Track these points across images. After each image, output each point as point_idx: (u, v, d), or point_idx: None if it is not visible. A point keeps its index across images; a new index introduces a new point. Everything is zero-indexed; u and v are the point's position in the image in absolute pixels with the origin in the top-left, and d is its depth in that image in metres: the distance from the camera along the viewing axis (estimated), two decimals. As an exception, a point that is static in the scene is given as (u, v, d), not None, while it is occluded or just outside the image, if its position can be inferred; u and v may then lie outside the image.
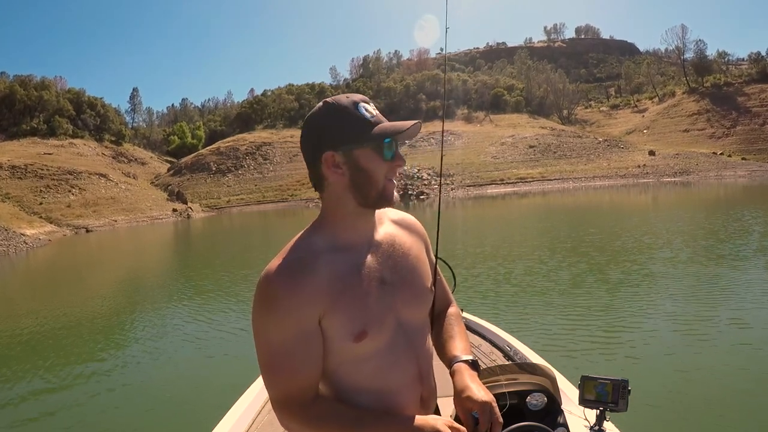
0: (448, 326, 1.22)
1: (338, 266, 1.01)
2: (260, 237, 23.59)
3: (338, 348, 1.01)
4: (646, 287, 7.87)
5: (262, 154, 65.39)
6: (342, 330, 0.99)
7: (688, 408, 3.90)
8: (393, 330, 1.05)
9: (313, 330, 0.99)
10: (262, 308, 0.98)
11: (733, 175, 42.81)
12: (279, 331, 0.97)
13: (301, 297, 0.96)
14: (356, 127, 0.99)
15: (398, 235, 1.13)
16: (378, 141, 0.99)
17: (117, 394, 5.26)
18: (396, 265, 1.08)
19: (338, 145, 1.00)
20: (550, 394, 1.68)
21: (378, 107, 1.02)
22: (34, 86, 67.97)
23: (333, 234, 1.04)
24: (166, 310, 9.47)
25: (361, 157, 1.00)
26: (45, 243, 31.32)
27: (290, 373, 0.99)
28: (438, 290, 1.21)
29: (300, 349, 0.98)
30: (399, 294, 1.06)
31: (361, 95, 1.04)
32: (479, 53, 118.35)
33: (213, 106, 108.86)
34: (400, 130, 1.00)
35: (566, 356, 5.05)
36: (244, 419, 2.47)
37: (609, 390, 1.85)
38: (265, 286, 0.98)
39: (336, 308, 0.99)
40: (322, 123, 1.01)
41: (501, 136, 62.25)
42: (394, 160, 1.03)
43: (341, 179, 1.01)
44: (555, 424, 1.66)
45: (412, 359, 1.08)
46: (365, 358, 1.03)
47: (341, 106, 1.00)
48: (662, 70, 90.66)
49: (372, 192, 1.01)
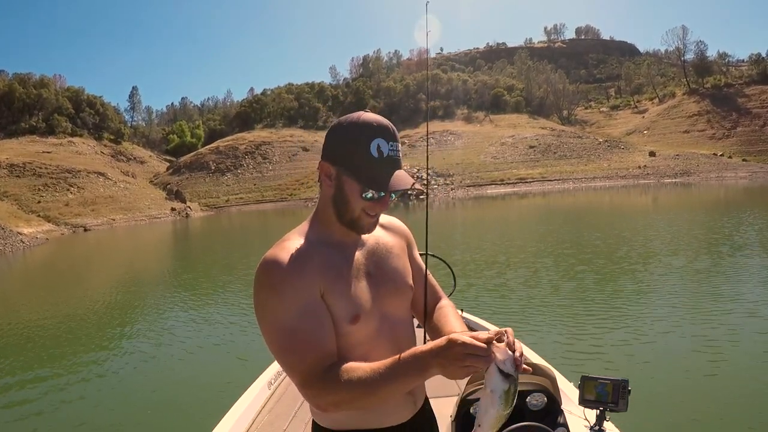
0: (441, 316, 1.24)
1: (330, 257, 1.07)
2: (259, 237, 23.57)
3: (336, 330, 1.04)
4: (646, 287, 7.87)
5: (261, 153, 65.37)
6: (339, 311, 1.04)
7: (688, 408, 3.90)
8: (378, 320, 1.11)
9: (319, 302, 1.02)
10: (268, 291, 1.00)
11: (734, 176, 42.85)
12: (288, 308, 0.99)
13: (302, 276, 1.01)
14: (356, 159, 1.02)
15: (381, 235, 1.21)
16: (364, 183, 1.03)
17: (117, 394, 5.25)
18: (379, 261, 1.16)
19: (336, 162, 1.05)
20: (550, 394, 1.67)
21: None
22: (33, 84, 67.93)
23: (324, 231, 1.11)
24: (164, 310, 9.46)
25: (346, 183, 1.04)
26: (42, 242, 31.27)
27: (308, 346, 0.99)
28: (428, 286, 1.27)
29: (312, 320, 1.00)
30: (382, 287, 1.13)
31: (388, 124, 1.05)
32: (479, 53, 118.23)
33: (212, 105, 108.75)
34: (385, 189, 1.03)
35: (566, 356, 5.04)
36: (244, 419, 2.47)
37: (609, 390, 1.85)
38: (267, 271, 1.01)
39: (333, 291, 1.04)
40: (339, 134, 1.05)
41: (501, 137, 62.28)
42: (375, 202, 1.05)
43: (328, 190, 1.08)
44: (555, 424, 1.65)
45: (394, 348, 1.11)
46: (353, 344, 1.06)
47: (360, 132, 1.03)
48: (662, 71, 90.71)
49: (346, 215, 1.07)
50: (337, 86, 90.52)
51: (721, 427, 3.64)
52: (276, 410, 2.67)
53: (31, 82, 68.60)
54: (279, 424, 2.52)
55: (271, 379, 2.92)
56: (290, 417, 2.57)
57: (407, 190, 1.07)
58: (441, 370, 0.91)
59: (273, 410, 2.67)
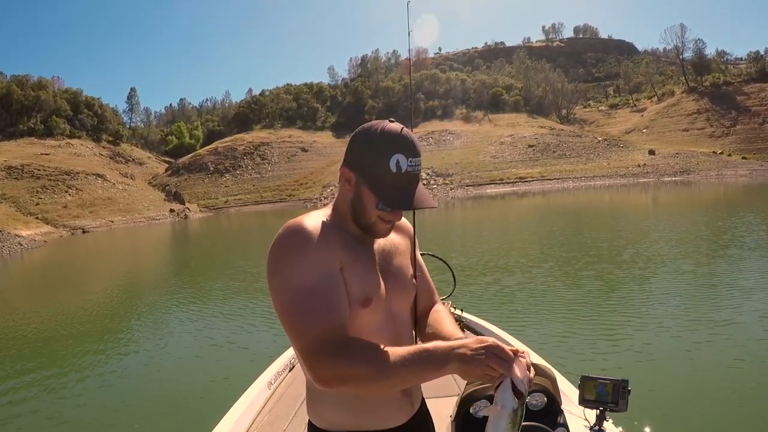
0: (436, 320, 1.24)
1: (347, 241, 1.09)
2: (259, 237, 23.56)
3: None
4: (647, 287, 7.87)
5: (260, 154, 65.35)
6: (354, 289, 1.05)
7: (688, 408, 3.90)
8: (384, 313, 1.12)
9: (338, 273, 1.03)
10: (291, 251, 1.01)
11: (734, 174, 42.87)
12: (310, 269, 0.99)
13: (327, 244, 1.03)
14: (375, 171, 1.04)
15: (390, 233, 1.22)
16: (380, 196, 1.05)
17: (117, 395, 5.24)
18: (388, 258, 1.18)
19: (356, 169, 1.06)
20: (550, 394, 1.67)
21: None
22: (32, 86, 67.90)
23: (342, 222, 1.12)
24: (164, 311, 9.46)
25: (363, 192, 1.06)
26: (41, 244, 31.22)
27: (324, 310, 0.98)
28: (422, 286, 1.28)
29: (332, 285, 1.01)
30: (389, 283, 1.14)
31: (411, 139, 1.05)
32: (477, 53, 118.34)
33: (211, 106, 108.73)
34: (396, 207, 1.05)
35: (566, 356, 5.04)
36: (244, 419, 2.47)
37: (609, 390, 1.85)
38: (292, 233, 1.02)
39: (351, 269, 1.06)
40: (361, 142, 1.06)
41: (500, 136, 62.28)
42: (389, 212, 1.07)
43: (347, 194, 1.09)
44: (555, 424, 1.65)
45: (394, 345, 1.10)
46: (357, 330, 1.05)
47: (381, 145, 1.04)
48: (661, 69, 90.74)
49: (362, 221, 1.09)
50: (336, 86, 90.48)
51: (721, 427, 3.64)
52: (276, 410, 2.67)
53: (30, 83, 68.57)
54: (279, 424, 2.52)
55: (271, 379, 2.92)
56: (290, 417, 2.57)
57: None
58: (461, 365, 0.91)
59: (273, 410, 2.67)
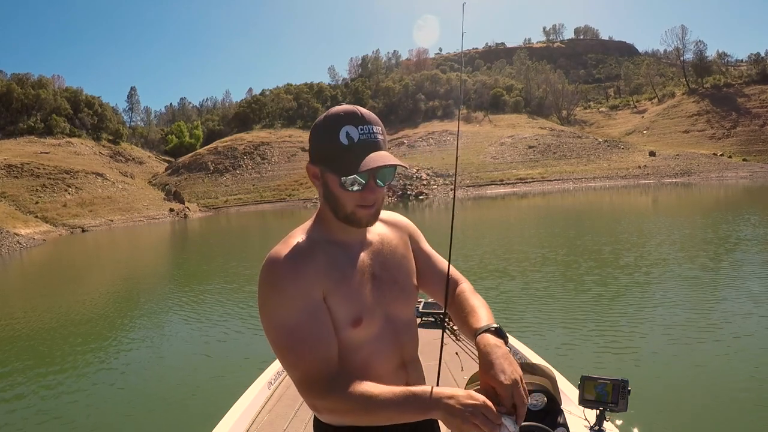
0: (463, 302, 1.21)
1: (334, 257, 1.06)
2: (258, 238, 23.55)
3: (337, 333, 1.04)
4: (647, 288, 7.87)
5: (260, 153, 65.29)
6: (342, 314, 1.04)
7: (688, 408, 3.89)
8: (382, 322, 1.10)
9: (320, 305, 1.02)
10: (271, 290, 1.01)
11: (735, 176, 42.81)
12: (290, 308, 0.99)
13: (305, 277, 1.01)
14: (328, 151, 1.01)
15: (386, 234, 1.20)
16: (340, 173, 1.01)
17: (116, 394, 5.23)
18: (385, 262, 1.15)
19: (317, 161, 1.05)
20: (550, 394, 1.67)
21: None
22: (32, 85, 67.78)
23: (328, 230, 1.10)
24: (163, 310, 9.44)
25: (328, 178, 1.04)
26: (40, 243, 31.18)
27: (309, 347, 0.99)
28: (433, 273, 1.28)
29: (313, 322, 1.00)
30: (387, 290, 1.12)
31: (355, 110, 1.02)
32: (478, 53, 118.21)
33: (211, 105, 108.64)
34: (354, 171, 0.98)
35: (566, 356, 5.04)
36: (244, 419, 2.47)
37: (609, 390, 1.85)
38: (270, 269, 1.01)
39: (336, 293, 1.03)
40: (313, 133, 1.06)
41: (500, 137, 62.23)
42: (362, 192, 1.02)
43: (320, 190, 1.08)
44: (555, 424, 1.65)
45: (396, 350, 1.13)
46: (356, 347, 1.06)
47: (328, 125, 1.01)
48: (661, 70, 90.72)
49: (340, 211, 1.05)
50: (336, 86, 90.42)
51: (721, 427, 3.64)
52: (276, 410, 2.67)
53: (30, 82, 68.44)
54: (279, 424, 2.52)
55: (271, 379, 2.92)
56: (290, 417, 2.57)
57: (396, 176, 1.07)
58: (446, 415, 0.89)
59: (273, 410, 2.67)
